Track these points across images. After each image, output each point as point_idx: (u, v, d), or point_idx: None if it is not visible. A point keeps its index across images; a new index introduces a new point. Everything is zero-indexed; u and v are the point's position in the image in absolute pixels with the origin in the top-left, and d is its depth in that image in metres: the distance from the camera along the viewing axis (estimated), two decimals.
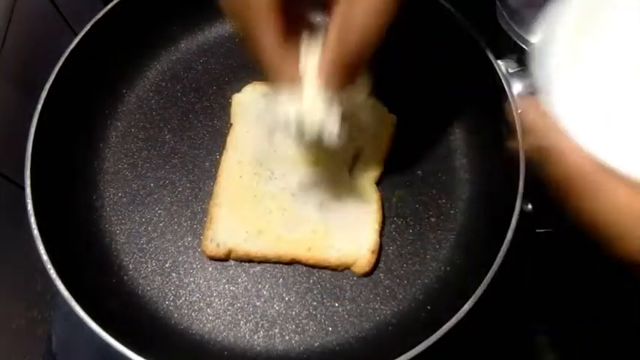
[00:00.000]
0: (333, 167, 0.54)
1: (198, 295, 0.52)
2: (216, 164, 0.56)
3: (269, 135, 0.55)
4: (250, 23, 0.39)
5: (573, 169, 0.31)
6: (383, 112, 0.57)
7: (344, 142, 0.53)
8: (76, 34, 0.54)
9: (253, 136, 0.56)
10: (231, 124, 0.57)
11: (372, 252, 0.52)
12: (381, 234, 0.53)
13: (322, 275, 0.52)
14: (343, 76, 0.41)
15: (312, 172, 0.54)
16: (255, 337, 0.50)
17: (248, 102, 0.58)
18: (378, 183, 0.55)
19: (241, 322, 0.51)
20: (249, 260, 0.52)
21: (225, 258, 0.53)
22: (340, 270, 0.52)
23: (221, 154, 0.56)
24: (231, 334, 0.51)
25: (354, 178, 0.54)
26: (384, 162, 0.56)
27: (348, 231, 0.52)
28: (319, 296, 0.52)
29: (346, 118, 0.44)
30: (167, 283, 0.52)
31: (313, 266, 0.52)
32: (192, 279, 0.53)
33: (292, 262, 0.52)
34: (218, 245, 0.52)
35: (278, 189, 0.53)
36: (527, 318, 0.60)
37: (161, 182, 0.56)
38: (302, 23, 0.42)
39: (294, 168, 0.54)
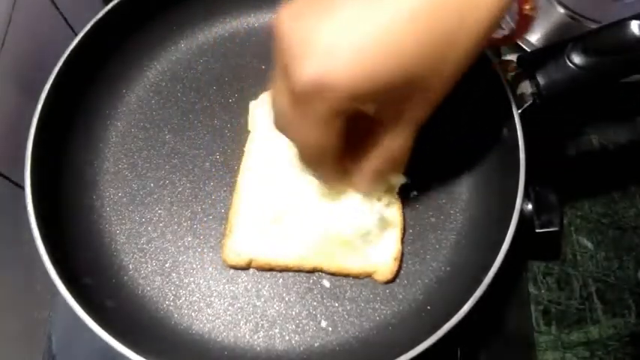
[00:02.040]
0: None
1: (198, 295, 0.52)
2: (215, 164, 0.56)
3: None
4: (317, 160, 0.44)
5: None
6: None
7: None
8: (76, 34, 0.54)
9: (272, 144, 0.54)
10: (248, 132, 0.56)
11: (395, 259, 0.51)
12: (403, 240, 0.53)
13: (322, 275, 0.52)
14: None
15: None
16: (255, 337, 0.50)
17: (266, 109, 0.56)
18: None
19: (241, 322, 0.51)
20: (270, 269, 0.52)
21: (246, 267, 0.52)
22: (361, 278, 0.52)
23: (221, 155, 0.56)
24: (231, 334, 0.51)
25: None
26: (404, 170, 0.54)
27: (371, 239, 0.51)
28: (319, 296, 0.52)
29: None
30: (167, 283, 0.52)
31: (335, 274, 0.52)
32: (192, 279, 0.53)
33: (314, 271, 0.52)
34: (239, 254, 0.51)
35: (299, 198, 0.52)
36: (526, 317, 0.60)
37: (161, 182, 0.56)
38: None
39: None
